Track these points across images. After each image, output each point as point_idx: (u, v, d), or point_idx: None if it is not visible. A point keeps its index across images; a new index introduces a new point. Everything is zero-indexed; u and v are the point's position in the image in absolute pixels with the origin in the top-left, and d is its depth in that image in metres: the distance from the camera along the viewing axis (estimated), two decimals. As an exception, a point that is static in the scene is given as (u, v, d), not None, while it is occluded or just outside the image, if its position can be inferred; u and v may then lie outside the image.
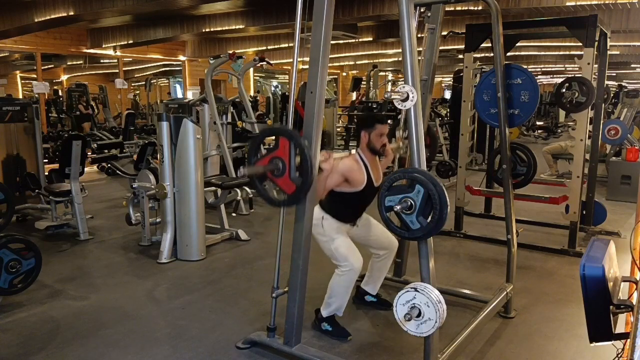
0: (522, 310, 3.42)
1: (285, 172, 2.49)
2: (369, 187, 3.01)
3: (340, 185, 2.95)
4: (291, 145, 2.46)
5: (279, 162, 2.50)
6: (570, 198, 4.62)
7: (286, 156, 2.48)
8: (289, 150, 2.47)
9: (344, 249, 2.97)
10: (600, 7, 7.54)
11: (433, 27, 3.29)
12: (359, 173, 2.97)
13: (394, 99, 2.17)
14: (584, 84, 4.27)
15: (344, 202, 3.02)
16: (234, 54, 6.30)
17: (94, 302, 3.57)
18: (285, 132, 2.50)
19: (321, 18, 2.47)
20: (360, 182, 2.97)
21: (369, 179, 2.99)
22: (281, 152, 2.49)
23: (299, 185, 2.47)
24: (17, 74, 12.26)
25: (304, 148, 2.43)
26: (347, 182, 2.95)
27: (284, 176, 2.49)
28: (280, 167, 2.50)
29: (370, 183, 3.01)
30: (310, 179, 2.45)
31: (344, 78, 19.82)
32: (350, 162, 2.98)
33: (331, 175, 2.83)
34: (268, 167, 2.53)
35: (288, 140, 2.47)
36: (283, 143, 2.48)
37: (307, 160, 2.43)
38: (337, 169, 2.87)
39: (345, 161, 2.97)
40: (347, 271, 2.92)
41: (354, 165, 2.97)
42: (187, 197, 4.41)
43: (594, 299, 1.66)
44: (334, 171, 2.84)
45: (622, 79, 21.26)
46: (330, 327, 3.04)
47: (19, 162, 5.85)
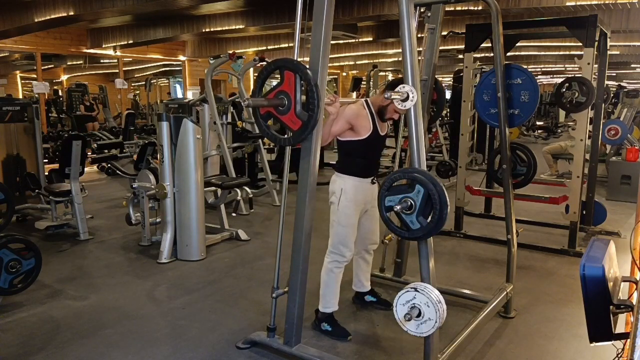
0: (522, 310, 3.42)
1: (290, 107, 2.37)
2: (375, 135, 2.98)
3: (345, 133, 2.92)
4: (296, 78, 2.36)
5: (283, 96, 2.40)
6: (570, 198, 4.62)
7: (291, 90, 2.35)
8: (295, 83, 2.35)
9: (343, 234, 2.98)
10: (600, 7, 7.54)
11: (433, 27, 3.29)
12: (364, 120, 2.93)
13: (394, 99, 2.17)
14: (584, 84, 4.27)
15: (353, 153, 2.99)
16: (234, 54, 6.30)
17: (94, 302, 3.57)
18: (289, 63, 2.38)
19: (321, 18, 2.47)
20: (366, 130, 2.93)
21: (374, 127, 2.96)
22: (286, 86, 2.37)
23: (305, 121, 2.37)
24: (17, 74, 12.26)
25: (309, 79, 2.33)
26: (352, 130, 2.92)
27: (289, 112, 2.38)
28: (285, 103, 2.39)
29: (376, 131, 2.97)
30: (317, 112, 2.34)
31: (344, 78, 19.82)
32: (357, 108, 2.94)
33: (337, 120, 2.78)
34: (273, 101, 2.41)
35: (293, 72, 2.36)
36: (288, 76, 2.37)
37: (313, 93, 2.32)
38: (342, 114, 2.84)
39: (352, 106, 2.94)
40: (334, 257, 2.98)
41: (361, 111, 2.94)
42: (187, 197, 4.42)
43: (594, 299, 1.66)
44: (339, 116, 2.79)
45: (622, 79, 21.26)
46: (330, 327, 3.04)
47: (19, 162, 5.86)
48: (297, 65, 2.38)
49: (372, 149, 3.07)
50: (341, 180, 3.01)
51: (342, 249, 3.00)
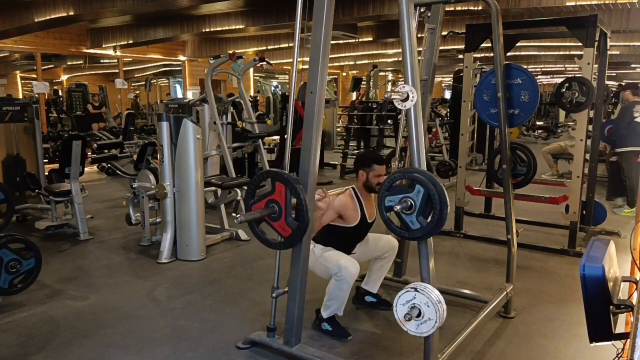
0: (522, 310, 3.42)
1: (281, 215, 2.49)
2: (363, 223, 3.10)
3: (334, 220, 3.03)
4: (287, 191, 2.45)
5: (274, 205, 2.50)
6: (570, 198, 4.62)
7: (282, 200, 2.47)
8: (285, 195, 2.46)
9: (334, 256, 3.00)
10: (600, 7, 7.54)
11: (433, 27, 3.29)
12: (353, 210, 3.06)
13: (394, 99, 2.17)
14: (584, 84, 4.27)
15: (337, 236, 3.10)
16: (234, 54, 6.29)
17: (94, 302, 3.57)
18: (280, 177, 2.48)
19: (321, 18, 2.47)
20: (354, 219, 3.07)
21: (362, 215, 3.09)
22: (277, 196, 2.49)
23: (294, 229, 2.47)
24: (17, 74, 12.28)
25: (299, 193, 2.42)
26: (340, 218, 3.04)
27: (280, 220, 2.49)
28: (276, 211, 2.50)
29: (363, 219, 3.10)
30: (306, 223, 2.44)
31: (344, 78, 19.83)
32: (345, 199, 3.06)
33: (327, 212, 2.89)
34: (264, 212, 2.52)
35: (284, 185, 2.46)
36: (279, 187, 2.48)
37: (303, 206, 2.42)
38: (332, 205, 2.95)
39: (340, 198, 3.06)
40: (343, 275, 2.92)
41: (348, 203, 3.06)
42: (187, 197, 4.41)
43: (594, 299, 1.65)
44: (329, 207, 2.90)
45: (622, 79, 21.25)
46: (330, 327, 3.04)
47: (19, 162, 5.86)
48: (288, 179, 2.46)
49: (358, 235, 3.20)
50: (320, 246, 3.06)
51: (345, 265, 2.92)
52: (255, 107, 11.73)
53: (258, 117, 8.82)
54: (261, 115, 10.77)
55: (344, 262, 2.93)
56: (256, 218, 2.55)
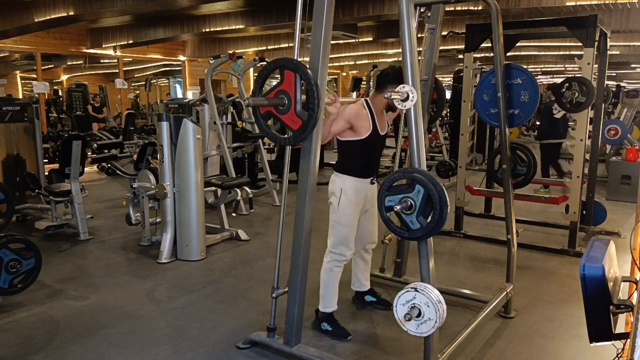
0: (522, 310, 3.42)
1: (291, 106, 2.37)
2: (375, 135, 2.98)
3: (344, 133, 2.92)
4: (296, 78, 2.35)
5: (284, 96, 2.39)
6: (570, 198, 4.62)
7: (292, 89, 2.35)
8: (295, 83, 2.35)
9: (343, 233, 2.98)
10: (600, 7, 7.54)
11: (433, 27, 3.29)
12: (364, 120, 2.94)
13: (394, 99, 2.17)
14: (584, 84, 4.27)
15: (353, 153, 3.00)
16: (234, 54, 6.30)
17: (94, 302, 3.57)
18: (289, 62, 2.37)
19: (321, 18, 2.47)
20: (365, 130, 2.94)
21: (374, 126, 2.97)
22: (286, 86, 2.37)
23: (305, 120, 2.36)
24: (17, 74, 12.27)
25: (310, 79, 2.33)
26: (351, 130, 2.92)
27: (289, 111, 2.37)
28: (285, 102, 2.39)
29: (375, 131, 2.98)
30: (317, 111, 2.33)
31: (344, 78, 19.82)
32: (357, 108, 2.94)
33: (336, 120, 2.79)
34: (273, 101, 2.41)
35: (293, 72, 2.36)
36: (288, 76, 2.37)
37: (313, 92, 2.31)
38: (342, 113, 2.84)
39: (352, 106, 2.94)
40: (333, 257, 2.97)
41: (361, 111, 2.94)
42: (187, 197, 4.41)
43: (594, 299, 1.65)
44: (339, 116, 2.79)
45: (622, 79, 21.25)
46: (330, 327, 3.04)
47: (19, 162, 5.85)
48: (297, 65, 2.37)
49: (372, 149, 3.07)
50: (340, 180, 3.01)
51: (343, 249, 3.00)
52: (256, 107, 11.69)
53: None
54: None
55: (344, 244, 2.98)
56: (263, 104, 2.42)
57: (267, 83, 2.59)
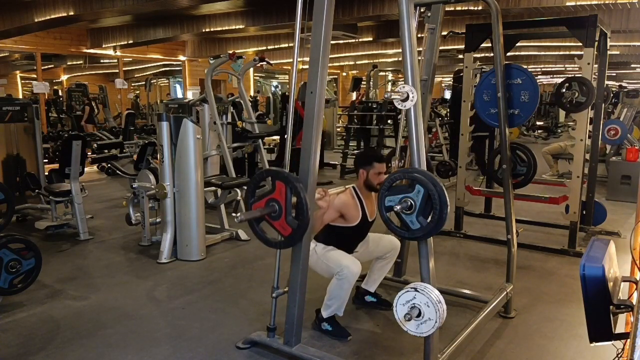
0: (522, 310, 3.42)
1: (281, 214, 2.48)
2: (364, 222, 3.09)
3: (335, 220, 3.02)
4: (287, 189, 2.45)
5: (275, 204, 2.49)
6: (570, 198, 4.62)
7: (282, 199, 2.46)
8: (285, 193, 2.45)
9: (337, 255, 3.00)
10: (600, 7, 7.54)
11: (433, 27, 3.29)
12: (354, 209, 3.05)
13: (394, 99, 2.17)
14: (584, 84, 4.27)
15: (339, 236, 3.08)
16: (234, 54, 6.30)
17: (94, 302, 3.57)
18: (281, 175, 2.48)
19: (321, 18, 2.47)
20: (355, 218, 3.05)
21: (363, 214, 3.08)
22: (277, 195, 2.48)
23: (295, 228, 2.46)
24: (17, 74, 12.27)
25: (299, 192, 2.41)
26: (342, 218, 3.03)
27: (280, 219, 2.48)
28: (276, 210, 2.49)
29: (364, 218, 3.09)
30: (306, 222, 2.43)
31: (344, 78, 19.82)
32: (346, 198, 3.05)
33: (328, 212, 2.88)
34: (265, 211, 2.51)
35: (284, 184, 2.45)
36: (279, 186, 2.47)
37: (303, 205, 2.41)
38: (333, 204, 2.94)
39: (341, 197, 3.05)
40: (345, 275, 2.91)
41: (349, 201, 3.05)
42: (187, 197, 4.41)
43: (594, 299, 1.65)
44: (330, 207, 2.89)
45: (622, 79, 21.25)
46: (330, 327, 3.04)
47: (19, 162, 5.85)
48: (288, 178, 2.45)
49: (360, 234, 3.20)
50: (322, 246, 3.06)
51: (345, 264, 2.93)
52: (255, 107, 11.73)
53: (258, 117, 8.81)
54: (261, 115, 10.76)
55: (346, 261, 2.94)
56: (256, 217, 2.54)
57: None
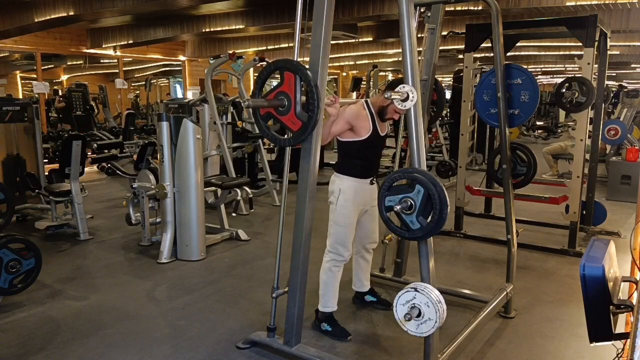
0: (522, 310, 3.42)
1: (290, 108, 2.37)
2: (375, 135, 2.99)
3: (344, 133, 2.93)
4: (296, 79, 2.36)
5: (283, 97, 2.40)
6: (570, 198, 4.62)
7: (291, 91, 2.35)
8: (294, 84, 2.35)
9: (342, 234, 2.99)
10: (600, 7, 7.54)
11: (433, 27, 3.29)
12: (364, 121, 2.95)
13: (394, 99, 2.17)
14: (584, 84, 4.27)
15: (352, 153, 3.00)
16: (234, 54, 6.29)
17: (93, 302, 3.57)
18: (289, 64, 2.37)
19: (321, 18, 2.47)
20: (365, 130, 2.95)
21: (374, 127, 2.97)
22: (286, 87, 2.37)
23: (305, 122, 2.37)
24: (17, 74, 12.27)
25: (309, 80, 2.33)
26: (352, 131, 2.93)
27: (289, 113, 2.37)
28: (285, 104, 2.39)
29: (375, 132, 2.99)
30: (317, 113, 2.33)
31: (344, 78, 19.82)
32: (357, 109, 2.95)
33: (336, 121, 2.79)
34: (272, 102, 2.41)
35: (293, 73, 2.36)
36: (288, 77, 2.37)
37: (313, 93, 2.31)
38: (342, 114, 2.85)
39: (352, 107, 2.95)
40: (333, 257, 2.97)
41: (361, 112, 2.95)
42: (187, 197, 4.41)
43: (594, 299, 1.65)
44: (339, 116, 2.80)
45: (622, 79, 21.25)
46: (330, 327, 3.04)
47: (19, 162, 5.85)
48: (297, 66, 2.37)
49: (372, 150, 3.08)
50: (340, 181, 3.01)
51: (340, 249, 3.00)
52: (256, 107, 11.68)
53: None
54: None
55: (342, 245, 2.98)
56: (263, 105, 2.42)
57: (267, 83, 2.60)
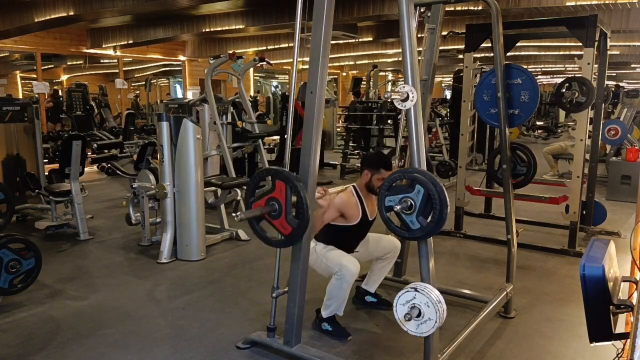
0: (522, 310, 3.42)
1: (281, 213, 2.47)
2: (364, 220, 3.09)
3: (335, 220, 3.02)
4: (287, 188, 2.44)
5: (275, 203, 2.49)
6: (570, 198, 4.62)
7: (282, 198, 2.46)
8: (285, 192, 2.45)
9: (336, 255, 3.00)
10: (600, 7, 7.55)
11: (433, 27, 3.29)
12: (354, 208, 3.05)
13: (394, 99, 2.17)
14: (584, 84, 4.27)
15: (339, 235, 3.08)
16: (234, 54, 6.29)
17: (94, 302, 3.57)
18: (281, 174, 2.47)
19: (321, 18, 2.47)
20: (355, 217, 3.06)
21: (364, 213, 3.07)
22: (277, 194, 2.48)
23: (295, 227, 2.46)
24: (17, 74, 12.28)
25: (299, 191, 2.41)
26: (342, 217, 3.03)
27: (280, 218, 2.48)
28: (276, 209, 2.49)
29: (365, 218, 3.09)
30: (306, 220, 2.43)
31: (344, 78, 19.82)
32: (347, 197, 3.06)
33: (328, 211, 2.88)
34: (265, 209, 2.51)
35: (284, 183, 2.45)
36: (279, 185, 2.47)
37: (303, 203, 2.40)
38: (333, 203, 2.94)
39: (341, 196, 3.05)
40: (343, 275, 2.92)
41: (350, 201, 3.05)
42: (187, 197, 4.41)
43: (594, 299, 1.65)
44: (330, 206, 2.89)
45: (622, 79, 21.26)
46: (330, 327, 3.04)
47: (19, 162, 5.85)
48: (288, 177, 2.44)
49: (360, 233, 3.20)
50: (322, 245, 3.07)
51: (344, 263, 2.93)
52: (255, 107, 11.72)
53: (258, 117, 8.82)
54: (261, 115, 10.76)
55: (345, 261, 2.94)
56: (256, 216, 2.53)
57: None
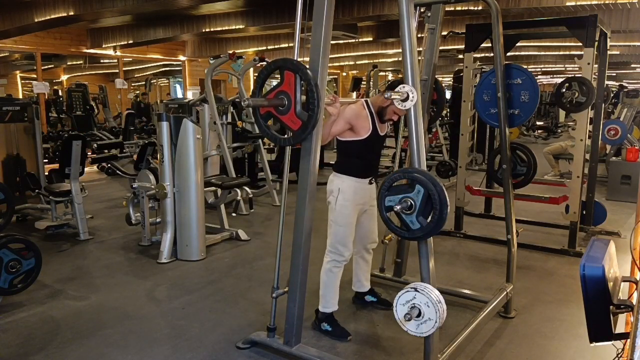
0: (522, 310, 3.42)
1: (290, 107, 2.36)
2: (374, 135, 2.99)
3: (344, 133, 2.94)
4: (296, 78, 2.35)
5: (283, 96, 2.39)
6: (570, 198, 4.62)
7: (291, 90, 2.35)
8: (295, 84, 2.35)
9: (340, 233, 2.99)
10: (600, 7, 7.54)
11: (433, 27, 3.30)
12: (364, 120, 2.95)
13: (394, 99, 2.17)
14: (584, 84, 4.27)
15: (352, 153, 3.01)
16: (234, 54, 6.29)
17: (94, 302, 3.57)
18: (289, 63, 2.37)
19: (321, 18, 2.47)
20: (365, 130, 2.95)
21: (374, 127, 2.98)
22: (286, 86, 2.37)
23: (305, 121, 2.36)
24: (17, 74, 12.26)
25: (309, 79, 2.32)
26: (351, 130, 2.94)
27: (289, 112, 2.37)
28: (285, 103, 2.39)
29: (375, 132, 2.99)
30: (317, 112, 2.33)
31: (344, 78, 19.82)
32: (357, 109, 2.96)
33: (337, 121, 2.79)
34: (273, 102, 2.40)
35: (293, 72, 2.35)
36: (288, 76, 2.37)
37: (313, 93, 2.31)
38: (342, 114, 2.85)
39: (352, 107, 2.95)
40: (333, 257, 2.97)
41: (361, 112, 2.96)
42: (187, 197, 4.41)
43: (594, 299, 1.65)
44: (339, 116, 2.80)
45: (622, 79, 21.25)
46: (330, 327, 3.04)
47: (19, 162, 5.85)
48: (297, 65, 2.37)
49: (371, 150, 3.08)
50: (338, 180, 3.02)
51: (341, 249, 3.00)
52: (256, 107, 11.68)
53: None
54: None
55: (343, 248, 2.98)
56: (263, 105, 2.42)
57: (267, 83, 2.60)
